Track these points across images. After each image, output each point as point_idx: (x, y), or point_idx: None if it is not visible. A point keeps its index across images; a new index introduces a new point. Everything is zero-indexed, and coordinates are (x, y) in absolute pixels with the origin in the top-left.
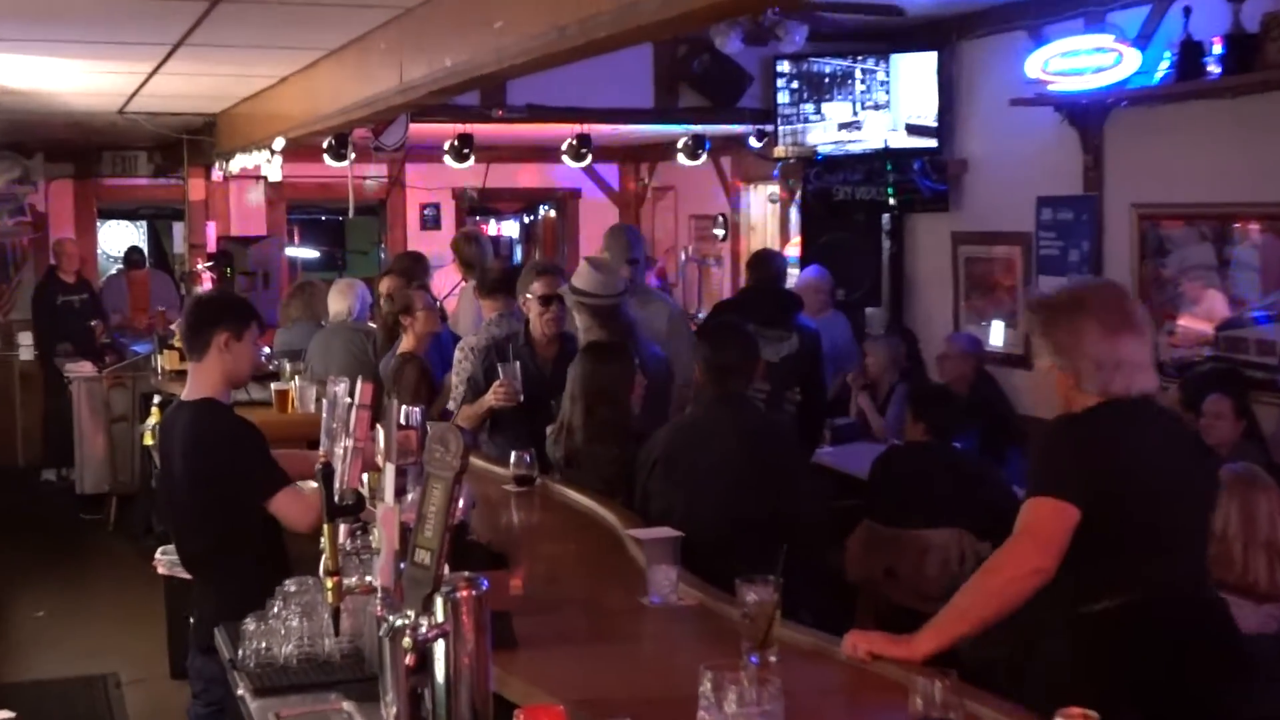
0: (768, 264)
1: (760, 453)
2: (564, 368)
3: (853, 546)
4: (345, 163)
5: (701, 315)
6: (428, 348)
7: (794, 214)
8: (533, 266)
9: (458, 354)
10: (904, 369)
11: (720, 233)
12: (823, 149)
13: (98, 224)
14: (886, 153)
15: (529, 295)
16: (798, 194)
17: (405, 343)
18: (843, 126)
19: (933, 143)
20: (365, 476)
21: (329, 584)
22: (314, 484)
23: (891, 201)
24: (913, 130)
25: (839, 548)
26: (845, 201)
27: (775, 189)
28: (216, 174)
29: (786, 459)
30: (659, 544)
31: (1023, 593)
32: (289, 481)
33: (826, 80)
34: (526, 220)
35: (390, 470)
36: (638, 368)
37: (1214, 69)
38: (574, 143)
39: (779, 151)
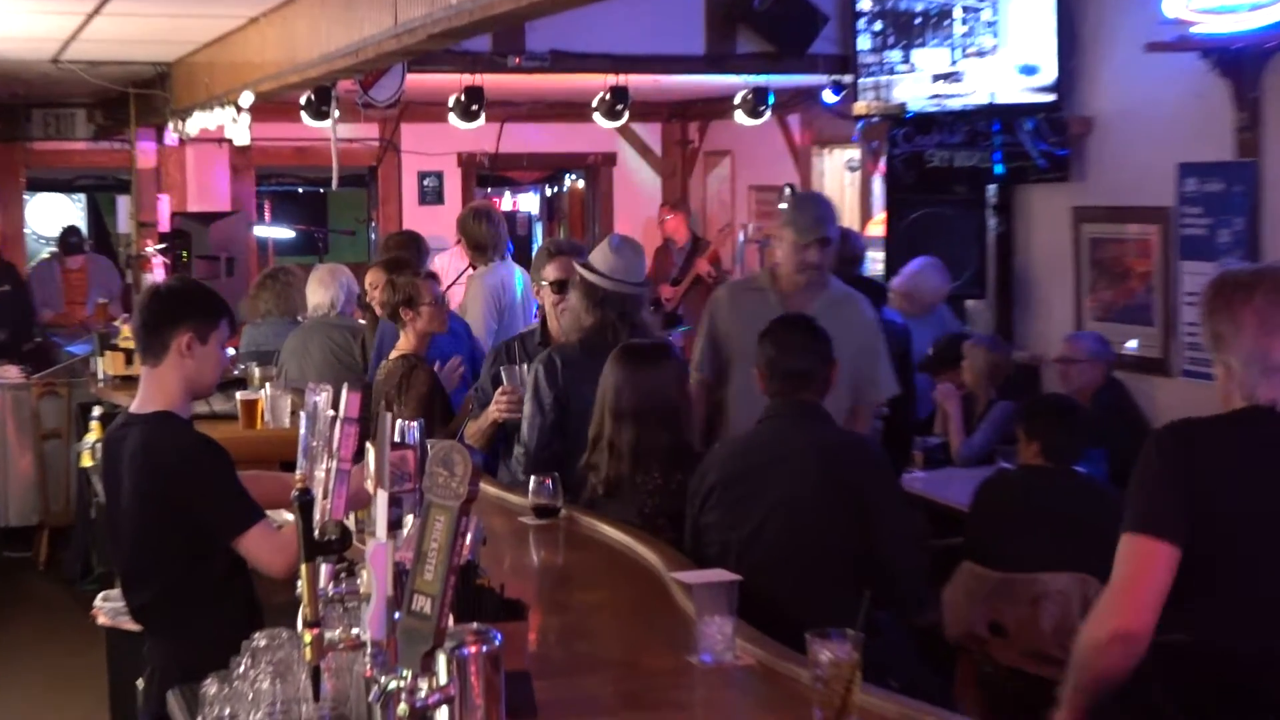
0: (841, 244)
1: (840, 477)
2: None
3: (950, 594)
4: (328, 123)
5: None
6: (426, 350)
7: (877, 185)
8: (547, 246)
9: (491, 355)
10: (1008, 377)
11: (786, 208)
12: (914, 105)
13: (25, 197)
14: (993, 110)
15: (542, 281)
16: (882, 161)
17: (403, 342)
18: (939, 78)
19: (1051, 97)
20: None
21: (307, 638)
22: (288, 515)
23: (999, 170)
24: (1026, 82)
25: (934, 596)
26: (941, 170)
27: (855, 154)
28: (171, 137)
29: (873, 486)
30: (712, 590)
31: (1111, 665)
32: (262, 515)
33: (919, 21)
34: (549, 192)
35: (382, 499)
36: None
37: None
38: (608, 98)
39: (859, 108)
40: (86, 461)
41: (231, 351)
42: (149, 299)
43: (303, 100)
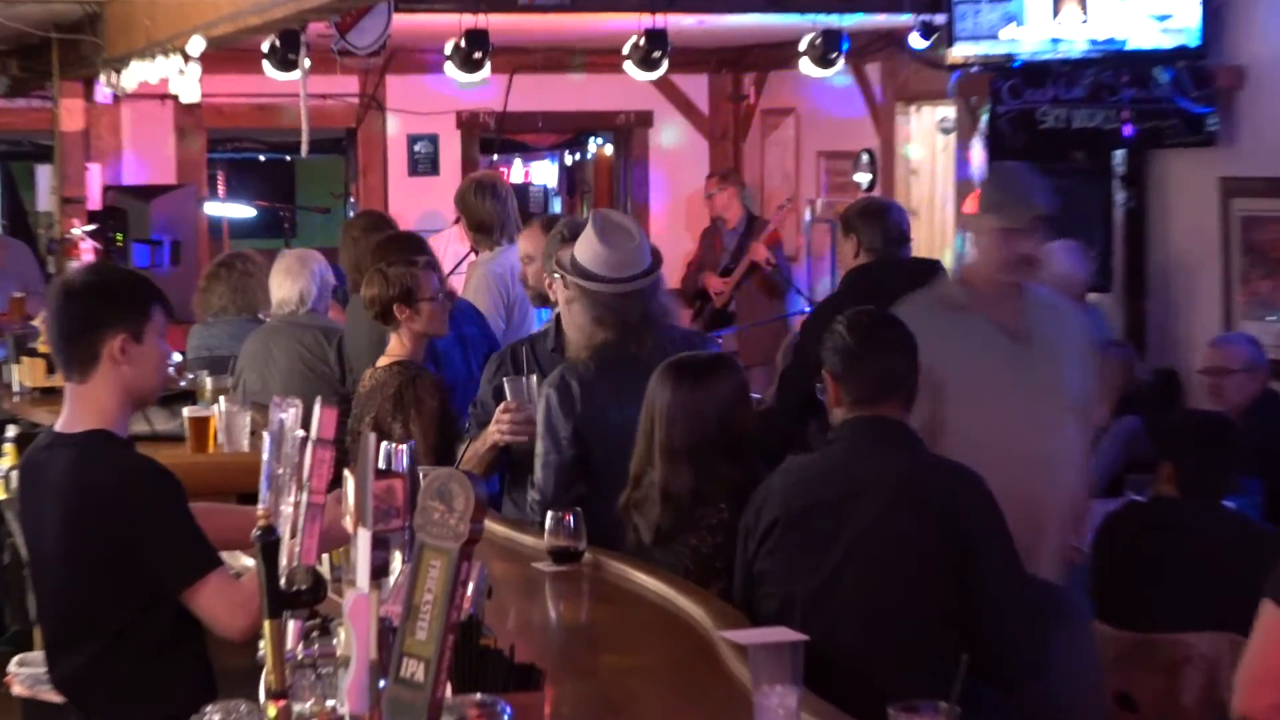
0: (881, 219)
1: (933, 515)
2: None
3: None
4: (296, 74)
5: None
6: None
7: (977, 151)
8: (560, 229)
9: (493, 362)
10: (1138, 390)
11: (864, 179)
12: (1023, 52)
13: None
14: (1121, 57)
15: (555, 272)
16: (983, 121)
17: (396, 346)
18: (1054, 18)
19: (1193, 42)
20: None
21: (271, 711)
22: (247, 560)
23: (1128, 131)
24: (1162, 24)
25: (1044, 659)
26: (1056, 131)
27: (950, 113)
28: (103, 92)
29: (977, 526)
30: (772, 653)
31: None
32: (218, 562)
33: None
34: (569, 161)
35: (364, 539)
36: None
37: None
38: (642, 43)
39: (955, 56)
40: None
41: (177, 356)
42: (62, 301)
43: (265, 47)
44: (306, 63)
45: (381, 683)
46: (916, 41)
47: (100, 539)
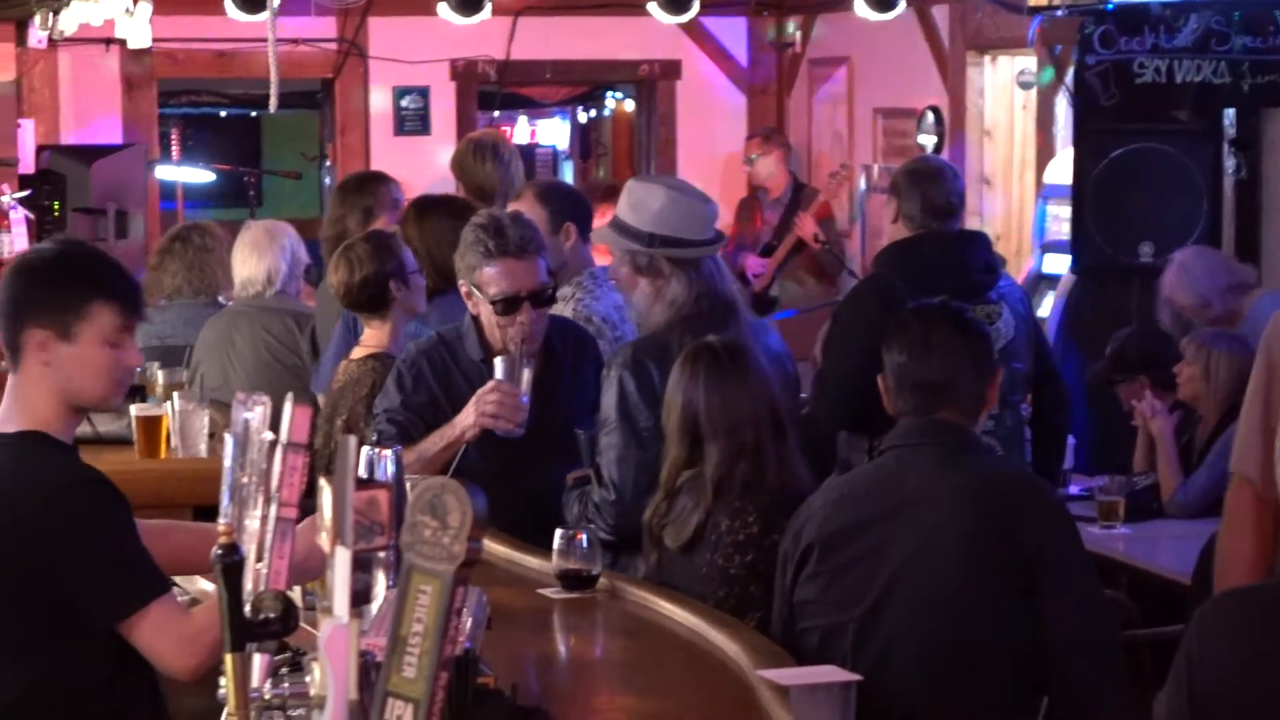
0: (926, 184)
1: (998, 532)
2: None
3: (1168, 708)
4: (264, 15)
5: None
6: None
7: (1062, 109)
8: (590, 190)
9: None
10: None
11: (929, 141)
12: None
13: None
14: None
15: (467, 283)
16: (1070, 74)
17: (373, 335)
18: None
19: None
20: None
21: None
22: (206, 584)
23: (1243, 86)
24: None
25: (1140, 702)
26: (1157, 86)
27: (1029, 64)
28: (37, 36)
29: (1047, 543)
30: (818, 695)
31: None
32: (166, 587)
33: None
34: (583, 118)
35: (343, 559)
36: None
37: None
38: None
39: None
40: None
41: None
42: (3, 278)
43: None
44: (276, 1)
45: None
46: None
47: (21, 559)
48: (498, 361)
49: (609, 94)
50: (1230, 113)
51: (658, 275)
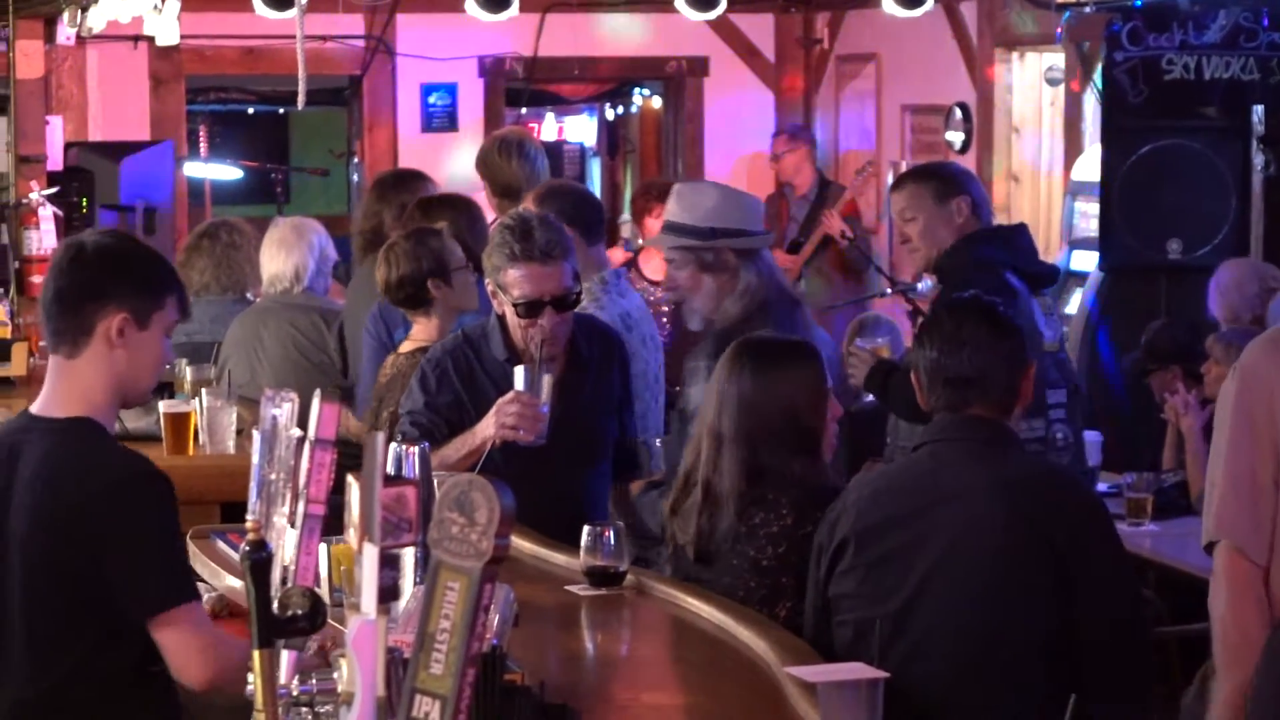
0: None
1: (1032, 527)
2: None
3: (1198, 708)
4: (292, 12)
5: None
6: None
7: (1090, 106)
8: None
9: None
10: None
11: (957, 138)
12: None
13: None
14: None
15: (493, 283)
16: (1098, 70)
17: (421, 329)
18: None
19: None
20: (326, 567)
21: None
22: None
23: (1272, 82)
24: None
25: (1167, 700)
26: (1185, 84)
27: (1058, 60)
28: (65, 33)
29: (1082, 539)
30: (846, 692)
31: None
32: (195, 595)
33: None
34: (610, 115)
35: (371, 556)
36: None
37: None
38: None
39: None
40: None
41: None
42: (68, 261)
43: None
44: None
45: None
46: None
47: (70, 543)
48: (518, 371)
49: (636, 91)
50: (1259, 109)
51: (724, 269)
